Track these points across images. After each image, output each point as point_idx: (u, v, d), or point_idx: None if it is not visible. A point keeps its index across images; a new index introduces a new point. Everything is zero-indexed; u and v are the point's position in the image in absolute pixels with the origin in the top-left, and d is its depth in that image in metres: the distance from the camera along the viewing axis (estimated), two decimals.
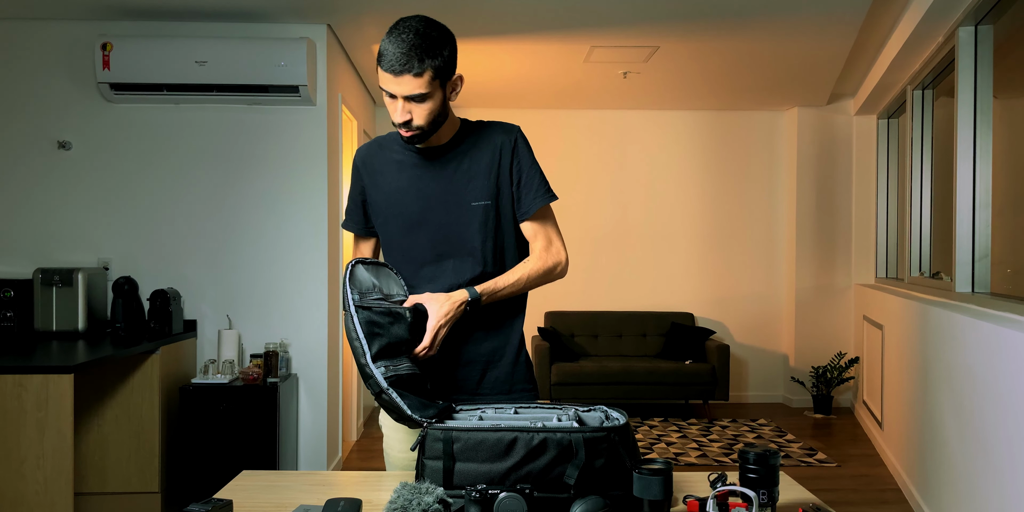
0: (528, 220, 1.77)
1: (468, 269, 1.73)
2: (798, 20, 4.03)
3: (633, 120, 6.42)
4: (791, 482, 1.59)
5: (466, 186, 1.72)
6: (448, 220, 1.72)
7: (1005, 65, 3.43)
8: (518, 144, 1.75)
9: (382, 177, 1.77)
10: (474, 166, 1.72)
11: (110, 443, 3.56)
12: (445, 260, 1.74)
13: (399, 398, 1.48)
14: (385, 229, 1.79)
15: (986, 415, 2.78)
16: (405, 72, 1.54)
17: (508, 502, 1.26)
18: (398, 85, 1.56)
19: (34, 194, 3.99)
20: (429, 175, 1.73)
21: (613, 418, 1.48)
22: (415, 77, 1.55)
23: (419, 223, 1.74)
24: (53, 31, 3.97)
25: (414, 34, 1.54)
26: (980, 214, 3.41)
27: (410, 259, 1.77)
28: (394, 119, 1.61)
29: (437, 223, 1.73)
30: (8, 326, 3.74)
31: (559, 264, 1.77)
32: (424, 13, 3.87)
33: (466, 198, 1.72)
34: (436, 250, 1.74)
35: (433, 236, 1.73)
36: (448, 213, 1.72)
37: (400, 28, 1.55)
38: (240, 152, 4.05)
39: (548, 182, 1.78)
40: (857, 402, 5.88)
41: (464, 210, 1.72)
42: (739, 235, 6.46)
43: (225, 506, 1.34)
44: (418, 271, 1.76)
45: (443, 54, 1.57)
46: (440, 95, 1.61)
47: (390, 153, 1.78)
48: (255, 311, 4.05)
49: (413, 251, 1.76)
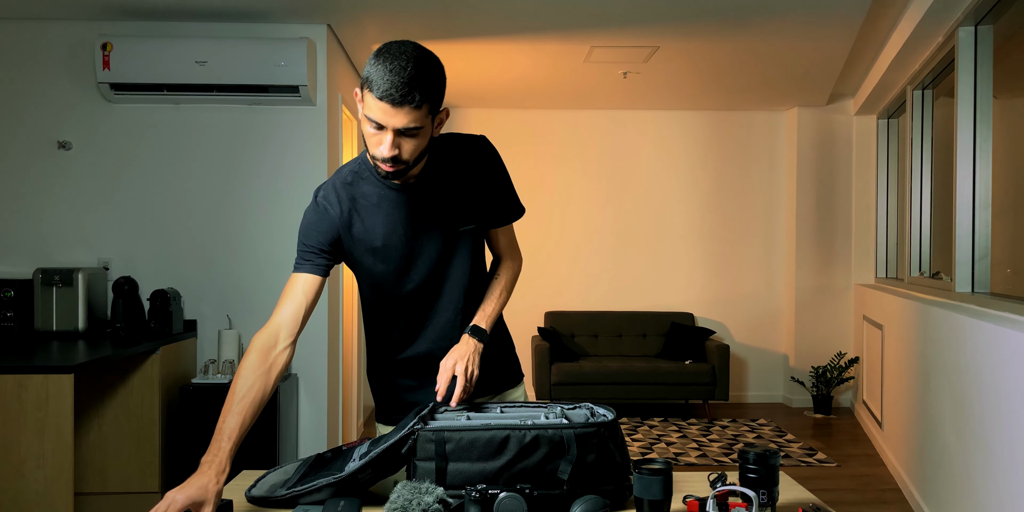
0: (499, 231, 1.77)
1: (457, 297, 1.68)
2: (798, 20, 4.03)
3: (633, 120, 6.42)
4: (791, 482, 1.59)
5: (453, 212, 1.64)
6: (439, 248, 1.64)
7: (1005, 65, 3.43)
8: (490, 158, 1.67)
9: (363, 224, 1.61)
10: (454, 189, 1.63)
11: (110, 443, 3.56)
12: (438, 291, 1.67)
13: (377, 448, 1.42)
14: (373, 270, 1.64)
15: (986, 415, 2.78)
16: (405, 103, 1.39)
17: (508, 502, 1.26)
18: (393, 116, 1.40)
19: (34, 194, 3.99)
20: (413, 206, 1.61)
21: (600, 414, 1.49)
22: (414, 109, 1.40)
23: (412, 259, 1.63)
24: (53, 31, 3.97)
25: (415, 64, 1.39)
26: (980, 214, 3.41)
27: (395, 301, 1.67)
28: (378, 153, 1.44)
29: (429, 255, 1.64)
30: (8, 326, 3.74)
31: (520, 268, 1.83)
32: (424, 13, 3.90)
33: (454, 224, 1.64)
34: (430, 282, 1.66)
35: (427, 269, 1.64)
36: (438, 242, 1.64)
37: (396, 55, 1.40)
38: (240, 152, 4.05)
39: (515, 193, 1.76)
40: (857, 402, 5.88)
41: (454, 236, 1.65)
42: (739, 235, 6.46)
43: (225, 506, 1.34)
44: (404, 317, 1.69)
45: (440, 87, 1.45)
46: (430, 130, 1.47)
47: (364, 189, 1.61)
48: (255, 311, 4.05)
49: (398, 296, 1.66)
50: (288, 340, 1.52)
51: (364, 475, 1.40)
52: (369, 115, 1.42)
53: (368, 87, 1.40)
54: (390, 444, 1.39)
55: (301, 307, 1.55)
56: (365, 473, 1.40)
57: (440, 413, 1.52)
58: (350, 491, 1.42)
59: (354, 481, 1.40)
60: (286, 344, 1.52)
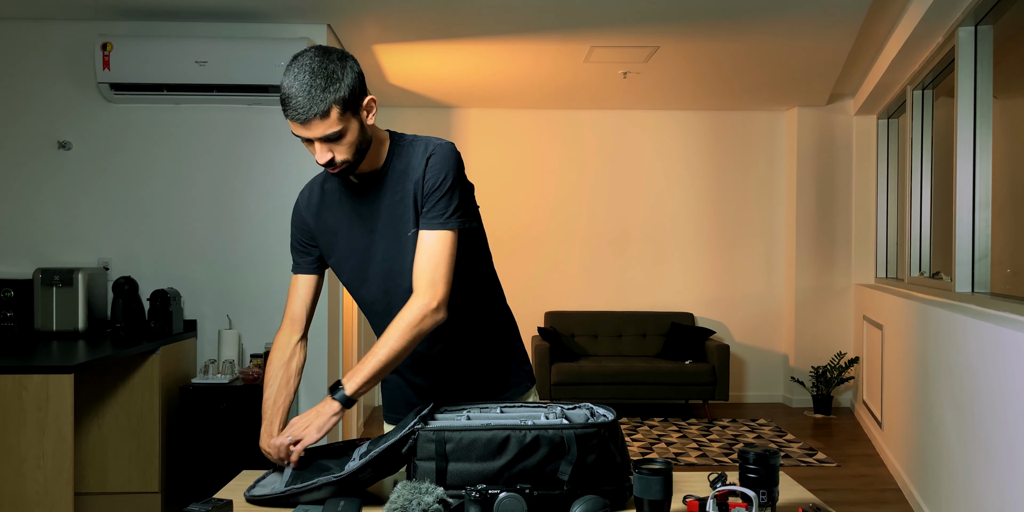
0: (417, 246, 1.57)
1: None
2: (798, 20, 4.03)
3: (633, 120, 6.42)
4: (791, 482, 1.59)
5: (403, 215, 1.59)
6: (391, 253, 1.61)
7: (1005, 65, 3.43)
8: (438, 162, 1.56)
9: (325, 215, 1.66)
10: (402, 191, 1.59)
11: (110, 443, 3.56)
12: (392, 298, 1.64)
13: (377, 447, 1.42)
14: (339, 269, 1.68)
15: (986, 415, 2.78)
16: (313, 118, 1.42)
17: (508, 502, 1.26)
18: (309, 130, 1.44)
19: (34, 194, 3.99)
20: (368, 204, 1.62)
21: (600, 415, 1.49)
22: (322, 119, 1.43)
23: (367, 259, 1.64)
24: (53, 31, 3.97)
25: (309, 73, 1.41)
26: (980, 214, 3.42)
27: (362, 298, 1.69)
28: (318, 160, 1.49)
29: (382, 256, 1.62)
30: (8, 326, 3.74)
31: (424, 316, 1.51)
32: (424, 13, 3.90)
33: (403, 228, 1.59)
34: (384, 286, 1.64)
35: (379, 271, 1.63)
36: (389, 246, 1.61)
37: (294, 69, 1.43)
38: (240, 152, 4.05)
39: (453, 208, 1.55)
40: (857, 402, 5.88)
41: (403, 241, 1.60)
42: (739, 235, 6.46)
43: (225, 506, 1.34)
44: (374, 312, 1.68)
45: (345, 84, 1.44)
46: (356, 125, 1.48)
47: (329, 187, 1.67)
48: (255, 311, 4.05)
49: (363, 289, 1.67)
50: (297, 335, 1.73)
51: (364, 475, 1.40)
52: (293, 132, 1.48)
53: (283, 107, 1.46)
54: (390, 444, 1.39)
55: (303, 307, 1.73)
56: (365, 473, 1.40)
57: (440, 413, 1.52)
58: (350, 491, 1.42)
59: (354, 481, 1.40)
60: (297, 338, 1.73)
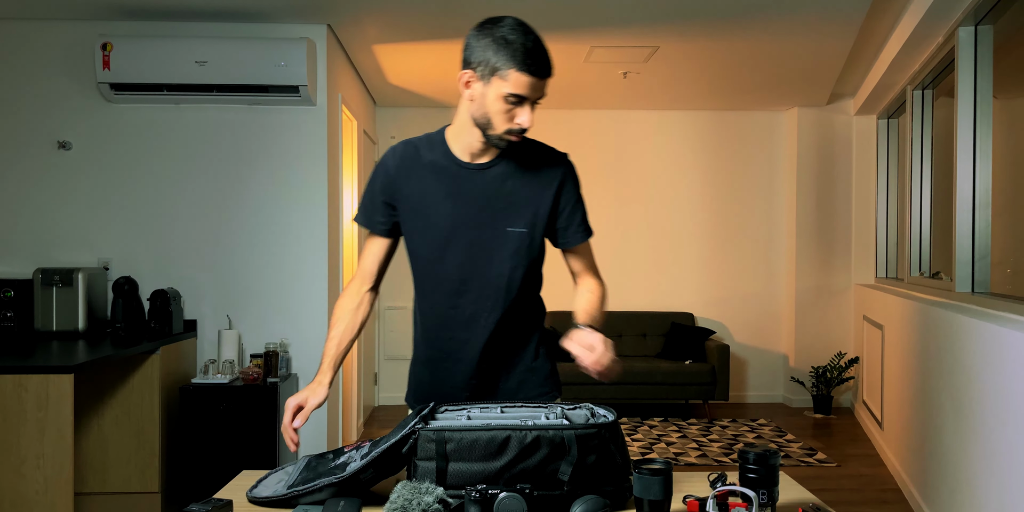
0: (574, 253, 1.74)
1: (490, 296, 1.66)
2: (798, 20, 4.03)
3: (633, 120, 6.42)
4: (791, 482, 1.59)
5: (504, 209, 1.64)
6: (479, 241, 1.64)
7: (1005, 65, 3.43)
8: (569, 177, 1.69)
9: (418, 183, 1.66)
10: (518, 190, 1.64)
11: (110, 443, 3.56)
12: (468, 283, 1.66)
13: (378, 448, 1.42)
14: (411, 239, 1.69)
15: (986, 415, 2.78)
16: (547, 75, 1.51)
17: (508, 502, 1.26)
18: (538, 88, 1.52)
19: (34, 194, 3.99)
20: (467, 190, 1.64)
21: (600, 415, 1.49)
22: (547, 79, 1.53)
23: (448, 239, 1.65)
24: (53, 31, 3.97)
25: (536, 35, 1.51)
26: (980, 214, 3.41)
27: (432, 276, 1.69)
28: (520, 123, 1.53)
29: (466, 242, 1.64)
30: (8, 326, 3.74)
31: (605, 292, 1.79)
32: (424, 13, 3.90)
33: (502, 221, 1.64)
34: (460, 271, 1.66)
35: (460, 256, 1.65)
36: (480, 233, 1.64)
37: (525, 31, 1.49)
38: (240, 152, 4.05)
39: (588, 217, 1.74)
40: (857, 402, 5.88)
41: (498, 233, 1.64)
42: (739, 235, 6.46)
43: (225, 506, 1.34)
44: (438, 291, 1.69)
45: None
46: None
47: (429, 158, 1.66)
48: (255, 311, 4.05)
49: (436, 268, 1.67)
50: (368, 285, 1.77)
51: (365, 475, 1.40)
52: (509, 91, 1.49)
53: (505, 65, 1.48)
54: (391, 444, 1.39)
55: (375, 264, 1.76)
56: (367, 473, 1.40)
57: (441, 413, 1.52)
58: (351, 491, 1.42)
59: (355, 481, 1.40)
60: (367, 288, 1.77)
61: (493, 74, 1.49)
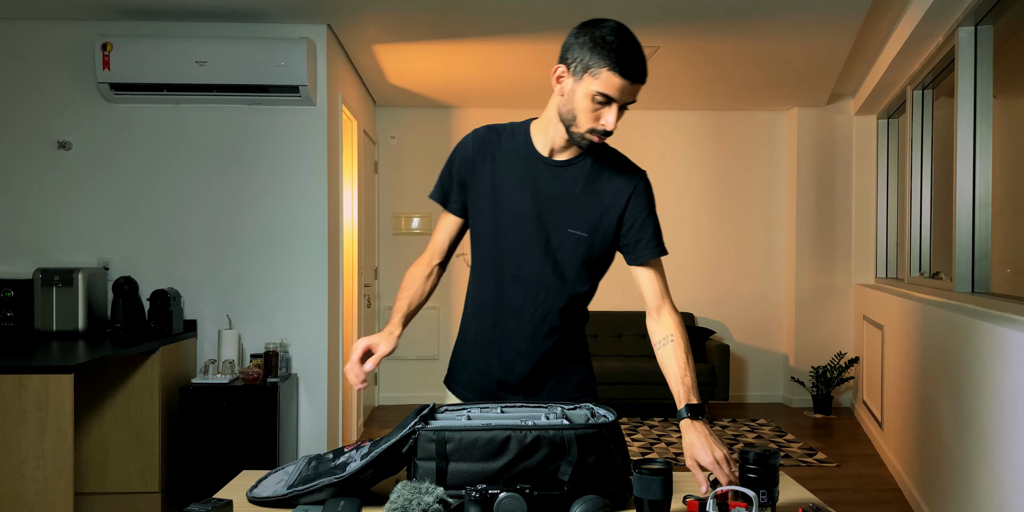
0: (645, 274, 1.72)
1: (539, 292, 1.67)
2: (798, 20, 4.03)
3: (633, 120, 6.42)
4: (791, 482, 1.59)
5: (570, 210, 1.65)
6: (540, 236, 1.65)
7: (1005, 65, 3.43)
8: (640, 189, 1.68)
9: (493, 168, 1.68)
10: (588, 194, 1.65)
11: (110, 443, 3.56)
12: (521, 274, 1.67)
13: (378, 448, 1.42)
14: (476, 221, 1.72)
15: (986, 415, 2.78)
16: (642, 82, 1.51)
17: (508, 502, 1.26)
18: (630, 93, 1.52)
19: (34, 194, 3.99)
20: (539, 184, 1.65)
21: (600, 415, 1.49)
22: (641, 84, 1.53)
23: (510, 227, 1.66)
24: (53, 31, 3.97)
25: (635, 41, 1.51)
26: (980, 214, 3.41)
27: (489, 261, 1.71)
28: (603, 124, 1.54)
29: (528, 234, 1.65)
30: (8, 326, 3.74)
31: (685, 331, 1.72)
32: (424, 13, 3.90)
33: (564, 222, 1.65)
34: (516, 261, 1.67)
35: (518, 246, 1.66)
36: (542, 229, 1.65)
37: (628, 35, 1.50)
38: (240, 152, 4.05)
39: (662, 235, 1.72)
40: (857, 402, 5.88)
41: (559, 232, 1.65)
42: (739, 235, 6.46)
43: (225, 506, 1.35)
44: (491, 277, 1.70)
45: None
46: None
47: (509, 146, 1.68)
48: (255, 311, 4.05)
49: (493, 254, 1.69)
50: (438, 259, 1.82)
51: (366, 475, 1.40)
52: (600, 90, 1.50)
53: (598, 63, 1.48)
54: (391, 444, 1.39)
55: (446, 240, 1.80)
56: (367, 473, 1.40)
57: (441, 413, 1.52)
58: (351, 491, 1.42)
59: (355, 481, 1.40)
60: (438, 261, 1.82)
61: (585, 71, 1.50)
